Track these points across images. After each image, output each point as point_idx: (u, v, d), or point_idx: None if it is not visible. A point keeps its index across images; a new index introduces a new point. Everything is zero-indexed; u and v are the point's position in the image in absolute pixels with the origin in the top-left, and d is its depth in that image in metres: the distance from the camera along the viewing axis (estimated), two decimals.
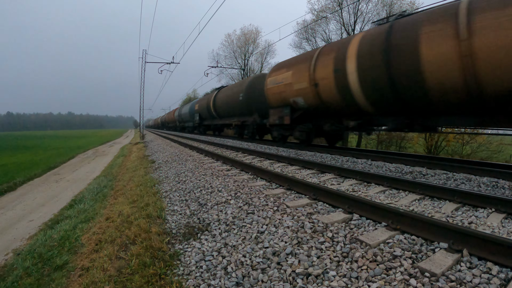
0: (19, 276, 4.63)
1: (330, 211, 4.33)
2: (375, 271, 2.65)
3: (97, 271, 3.75)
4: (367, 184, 6.08)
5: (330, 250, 3.12)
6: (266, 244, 3.44)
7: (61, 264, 4.63)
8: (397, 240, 3.21)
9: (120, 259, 3.96)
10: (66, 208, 8.92)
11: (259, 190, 5.57)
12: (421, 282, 2.45)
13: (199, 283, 3.03)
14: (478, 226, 3.69)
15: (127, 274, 3.52)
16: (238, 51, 49.12)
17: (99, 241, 4.93)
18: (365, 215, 3.98)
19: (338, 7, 29.58)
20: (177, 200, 6.10)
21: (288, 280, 2.77)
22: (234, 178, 6.75)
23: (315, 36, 33.71)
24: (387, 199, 4.95)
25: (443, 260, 2.70)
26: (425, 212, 4.25)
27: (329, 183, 6.27)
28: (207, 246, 3.77)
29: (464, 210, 4.34)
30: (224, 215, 4.61)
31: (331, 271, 2.77)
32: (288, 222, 3.88)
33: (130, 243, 4.36)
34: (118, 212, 6.16)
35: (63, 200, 10.55)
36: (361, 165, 8.40)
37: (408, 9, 25.69)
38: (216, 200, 5.37)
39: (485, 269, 2.57)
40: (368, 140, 25.85)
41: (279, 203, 4.68)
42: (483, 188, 5.72)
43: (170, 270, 3.41)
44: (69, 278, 4.11)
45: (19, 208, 10.29)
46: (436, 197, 4.97)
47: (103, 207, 7.56)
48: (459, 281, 2.43)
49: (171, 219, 5.10)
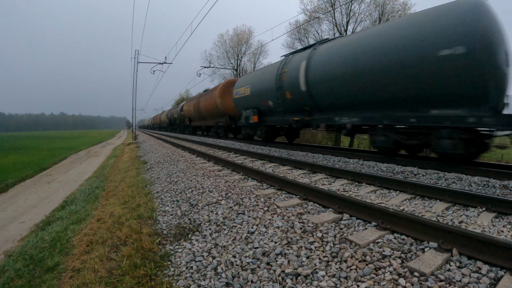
0: (10, 278, 4.60)
1: (321, 211, 4.33)
2: (364, 271, 2.66)
3: (88, 272, 3.73)
4: (358, 184, 6.10)
5: (320, 250, 3.12)
6: (256, 244, 3.44)
7: (53, 265, 4.61)
8: (386, 240, 3.21)
9: (111, 260, 3.93)
10: (57, 210, 8.88)
11: (250, 190, 5.57)
12: (410, 281, 2.46)
13: (189, 283, 3.01)
14: (469, 225, 3.71)
15: (117, 275, 3.50)
16: (230, 51, 49.25)
17: (90, 242, 4.90)
18: (355, 215, 3.99)
19: (331, 8, 29.72)
20: (169, 200, 6.07)
21: (278, 280, 2.76)
22: (226, 178, 6.74)
23: (307, 37, 33.87)
24: (378, 199, 4.97)
25: (433, 259, 2.71)
26: (415, 212, 4.26)
27: (320, 183, 6.28)
28: (198, 247, 3.76)
29: (454, 210, 4.37)
30: (215, 215, 4.60)
31: (321, 271, 2.76)
32: (278, 222, 3.88)
33: (121, 244, 4.33)
34: (109, 213, 6.13)
35: (54, 201, 10.49)
36: (352, 165, 8.43)
37: (400, 9, 25.86)
38: (207, 201, 5.36)
39: (474, 268, 2.58)
40: (360, 140, 25.93)
41: (270, 203, 4.68)
42: (474, 188, 5.76)
43: (160, 271, 3.39)
44: (60, 279, 4.09)
45: (11, 210, 10.21)
46: (427, 197, 5.00)
47: (95, 208, 7.52)
48: (448, 280, 2.44)
49: (162, 219, 5.07)
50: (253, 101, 16.25)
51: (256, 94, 15.72)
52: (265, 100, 14.93)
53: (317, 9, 31.16)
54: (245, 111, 17.21)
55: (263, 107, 15.45)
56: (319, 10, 31.03)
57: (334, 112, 11.05)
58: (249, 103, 16.72)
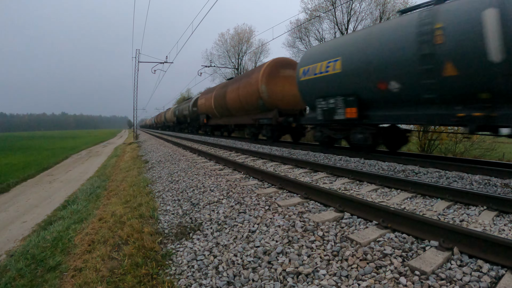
0: (13, 277, 4.60)
1: (322, 210, 4.34)
2: (365, 270, 2.66)
3: (90, 272, 3.74)
4: (359, 183, 6.10)
5: (321, 249, 3.13)
6: (257, 243, 3.44)
7: (54, 265, 4.61)
8: (387, 238, 3.22)
9: (113, 259, 3.95)
10: (59, 209, 8.88)
11: (251, 189, 5.58)
12: (411, 280, 2.46)
13: (190, 282, 3.02)
14: (470, 224, 3.71)
15: (119, 274, 3.51)
16: (231, 51, 49.17)
17: (92, 241, 4.91)
18: (356, 213, 3.99)
19: (332, 6, 29.67)
20: (170, 200, 6.08)
21: (279, 279, 2.77)
22: (227, 177, 6.74)
23: (308, 35, 33.84)
24: (379, 198, 4.97)
25: (434, 258, 2.71)
26: (416, 211, 4.27)
27: (321, 182, 6.28)
28: (199, 246, 3.77)
29: (456, 208, 4.36)
30: (216, 214, 4.61)
31: (321, 269, 2.77)
32: (279, 221, 3.88)
33: (123, 243, 4.34)
34: (111, 213, 6.14)
35: (56, 201, 10.48)
36: (353, 163, 8.42)
37: (401, 8, 25.82)
38: (208, 200, 5.37)
39: (475, 267, 2.59)
40: None
41: (271, 202, 4.69)
42: (475, 186, 5.76)
43: (162, 270, 3.40)
44: (62, 279, 4.10)
45: (12, 210, 10.21)
46: (428, 195, 4.99)
47: (96, 207, 7.53)
48: (449, 279, 2.44)
49: (164, 219, 5.08)
50: (347, 83, 9.90)
51: (358, 70, 9.35)
52: (381, 80, 8.79)
53: (318, 8, 31.13)
54: (323, 101, 11.02)
55: (370, 92, 9.28)
56: (320, 8, 31.00)
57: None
58: (337, 86, 10.32)
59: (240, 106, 18.76)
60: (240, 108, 18.85)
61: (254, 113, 17.50)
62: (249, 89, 16.88)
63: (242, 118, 19.35)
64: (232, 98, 19.50)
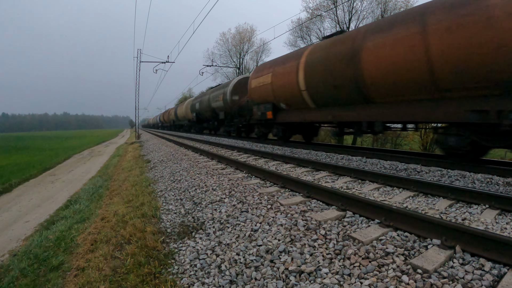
0: (15, 277, 4.62)
1: (324, 209, 4.33)
2: (367, 268, 2.66)
3: (93, 271, 3.75)
4: (361, 182, 6.09)
5: (323, 247, 3.13)
6: (259, 242, 3.45)
7: (57, 264, 4.62)
8: (389, 237, 3.22)
9: (115, 258, 3.95)
10: (61, 209, 8.91)
11: (253, 188, 5.58)
12: (413, 278, 2.46)
13: (193, 281, 3.03)
14: (472, 222, 3.70)
15: (122, 273, 3.52)
16: (233, 50, 49.26)
17: (94, 241, 4.91)
18: (359, 212, 3.99)
19: (333, 5, 29.63)
20: (172, 199, 6.09)
21: (281, 277, 2.77)
22: (229, 176, 6.75)
23: (310, 34, 33.82)
24: (381, 196, 4.96)
25: (436, 256, 2.71)
26: (418, 209, 4.26)
27: (324, 180, 6.28)
28: (201, 245, 3.77)
29: (458, 207, 4.36)
30: (219, 213, 4.61)
31: (324, 268, 2.77)
32: (281, 220, 3.88)
33: (125, 242, 4.35)
34: (113, 212, 6.15)
35: (58, 201, 10.52)
36: (356, 162, 8.42)
37: (402, 7, 25.74)
38: (210, 199, 5.37)
39: (477, 265, 2.58)
40: (364, 138, 25.90)
41: (273, 201, 4.69)
42: (478, 185, 5.74)
43: (164, 269, 3.41)
44: (65, 278, 4.10)
45: (15, 209, 10.26)
46: (430, 194, 4.99)
47: (99, 207, 7.54)
48: (452, 277, 2.43)
49: (166, 218, 5.09)
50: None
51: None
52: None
53: (319, 7, 31.13)
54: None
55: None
56: (321, 7, 31.00)
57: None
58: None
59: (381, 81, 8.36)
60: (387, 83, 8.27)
61: (420, 92, 7.92)
62: (406, 48, 7.47)
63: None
64: (337, 69, 9.65)
